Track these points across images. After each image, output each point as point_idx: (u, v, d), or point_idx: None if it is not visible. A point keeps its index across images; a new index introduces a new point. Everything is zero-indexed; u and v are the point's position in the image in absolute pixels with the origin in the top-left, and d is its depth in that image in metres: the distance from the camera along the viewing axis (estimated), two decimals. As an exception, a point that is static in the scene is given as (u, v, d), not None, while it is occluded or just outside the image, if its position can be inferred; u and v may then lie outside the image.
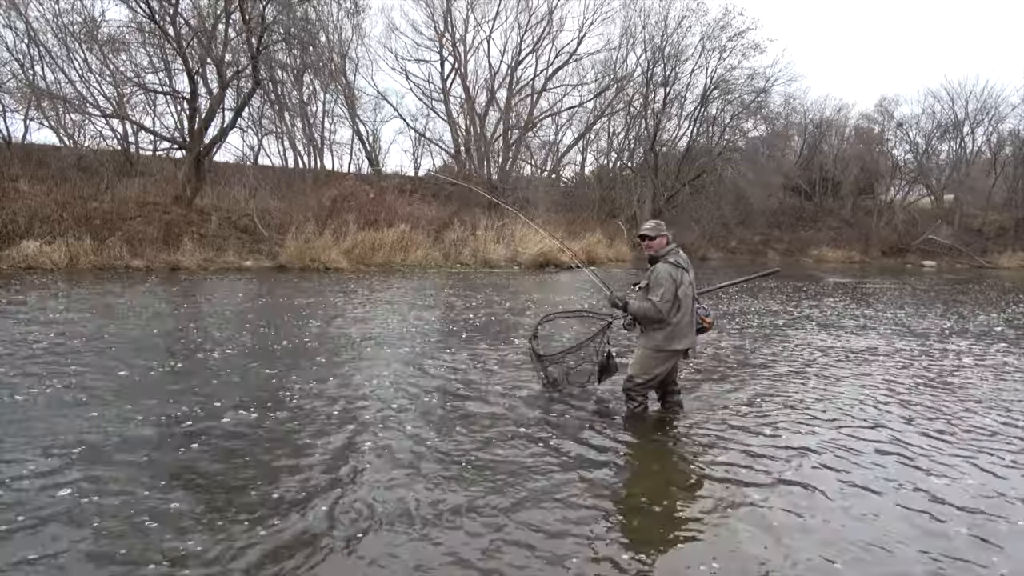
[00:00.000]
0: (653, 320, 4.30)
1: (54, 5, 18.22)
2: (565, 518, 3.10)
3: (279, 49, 19.51)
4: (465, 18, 28.47)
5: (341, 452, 3.81)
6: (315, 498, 3.19)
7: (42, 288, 10.17)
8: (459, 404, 4.87)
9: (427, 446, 3.96)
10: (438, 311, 9.85)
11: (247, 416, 4.36)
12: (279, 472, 3.49)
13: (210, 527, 2.87)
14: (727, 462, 3.87)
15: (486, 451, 3.92)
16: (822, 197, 38.66)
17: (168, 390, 4.91)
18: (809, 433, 4.44)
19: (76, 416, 4.21)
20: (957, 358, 7.26)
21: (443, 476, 3.53)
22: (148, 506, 3.04)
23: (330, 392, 5.04)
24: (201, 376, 5.37)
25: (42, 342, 6.34)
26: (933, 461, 3.97)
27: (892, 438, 4.38)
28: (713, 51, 31.12)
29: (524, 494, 3.34)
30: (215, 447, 3.81)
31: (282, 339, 7.04)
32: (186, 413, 4.36)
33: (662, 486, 3.57)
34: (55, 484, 3.22)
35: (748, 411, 4.94)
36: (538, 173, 32.53)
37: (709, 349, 7.30)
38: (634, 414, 4.58)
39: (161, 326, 7.57)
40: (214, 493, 3.21)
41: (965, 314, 11.41)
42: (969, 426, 4.70)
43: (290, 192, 19.86)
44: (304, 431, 4.14)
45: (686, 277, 4.36)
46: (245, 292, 11.15)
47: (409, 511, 3.10)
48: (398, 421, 4.41)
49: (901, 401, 5.35)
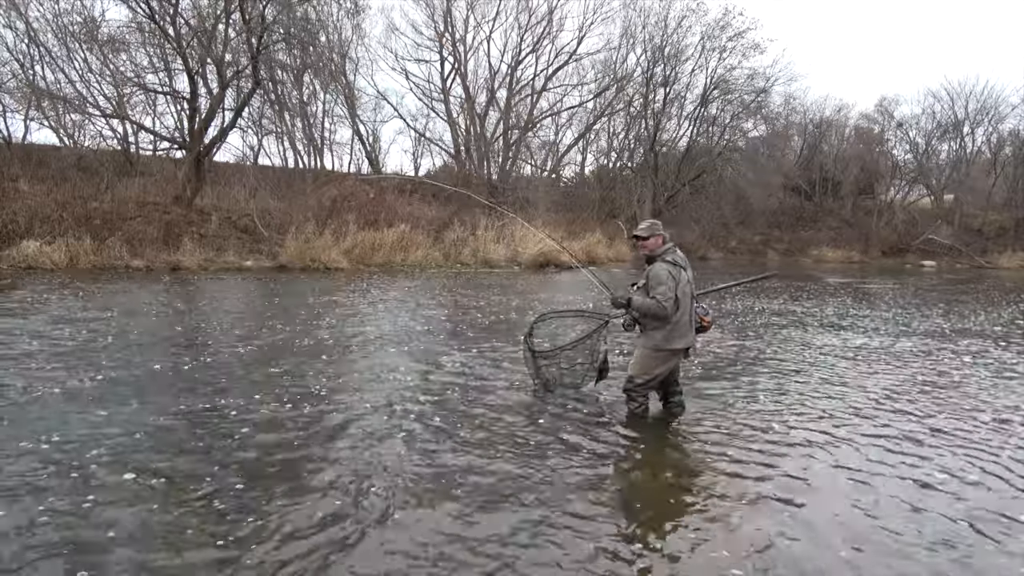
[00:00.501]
0: (658, 317, 4.27)
1: (54, 5, 18.27)
2: (566, 518, 3.10)
3: (279, 49, 19.53)
4: (465, 18, 28.52)
5: (354, 449, 3.82)
6: (336, 489, 3.24)
7: (59, 288, 10.17)
8: (462, 403, 4.86)
9: (432, 444, 3.96)
10: (440, 311, 9.85)
11: (279, 409, 4.46)
12: (307, 463, 3.50)
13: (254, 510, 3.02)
14: (732, 460, 3.87)
15: (486, 451, 3.92)
16: (822, 197, 38.67)
17: (203, 383, 5.10)
18: (812, 431, 4.44)
19: (122, 407, 4.44)
20: (957, 357, 7.26)
21: (445, 476, 3.53)
22: (208, 489, 3.21)
23: (345, 389, 5.06)
24: (227, 370, 5.50)
25: (76, 339, 6.65)
26: (933, 460, 3.97)
27: (893, 437, 4.37)
28: (713, 51, 31.19)
29: (524, 495, 3.34)
30: (238, 438, 3.82)
31: (294, 338, 7.06)
32: (220, 405, 4.42)
33: (664, 486, 3.56)
34: (121, 465, 3.49)
35: (751, 410, 4.93)
36: (538, 173, 32.56)
37: (712, 348, 7.30)
38: (635, 415, 4.57)
39: (185, 323, 7.78)
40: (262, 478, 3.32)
41: (966, 314, 11.41)
42: (970, 424, 4.70)
43: (290, 192, 19.87)
44: (321, 427, 4.15)
45: (684, 276, 4.35)
46: (250, 292, 11.15)
47: (418, 506, 3.10)
48: (404, 416, 4.41)
49: (901, 400, 5.35)
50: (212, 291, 11.25)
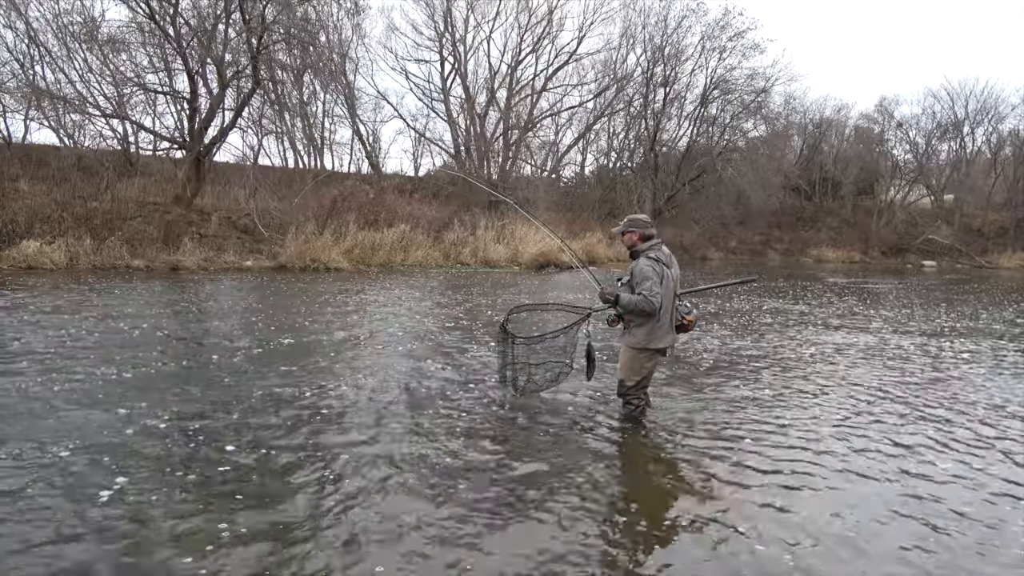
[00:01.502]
0: (646, 313, 4.22)
1: (54, 5, 18.23)
2: (567, 518, 3.10)
3: (279, 49, 19.48)
4: (465, 18, 28.48)
5: (354, 449, 3.82)
6: (327, 489, 3.21)
7: (59, 288, 10.17)
8: (464, 403, 4.86)
9: (429, 445, 3.96)
10: (439, 311, 9.85)
11: (279, 409, 4.44)
12: (301, 463, 3.51)
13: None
14: (735, 459, 3.87)
15: (487, 452, 3.93)
16: (822, 197, 38.69)
17: (203, 383, 5.07)
18: (814, 431, 4.44)
19: (119, 407, 4.42)
20: (957, 356, 7.26)
21: (445, 475, 3.53)
22: (206, 488, 3.12)
23: (345, 389, 5.06)
24: (227, 370, 5.50)
25: (95, 334, 6.87)
26: (933, 460, 3.98)
27: (895, 435, 4.38)
28: (713, 51, 31.18)
29: (525, 495, 3.34)
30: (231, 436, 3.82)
31: (293, 338, 7.05)
32: (219, 406, 4.40)
33: (666, 486, 3.57)
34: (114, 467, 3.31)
35: (754, 409, 4.93)
36: (538, 173, 32.53)
37: (713, 347, 7.30)
38: (632, 416, 4.56)
39: (184, 323, 7.84)
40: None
41: (966, 313, 11.41)
42: (971, 423, 4.71)
43: (290, 192, 19.86)
44: (321, 427, 4.15)
45: (667, 273, 4.32)
46: (250, 292, 11.15)
47: (407, 512, 3.10)
48: (402, 416, 4.41)
49: (901, 401, 5.35)
50: (212, 291, 11.25)
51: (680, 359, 6.68)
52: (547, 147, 33.37)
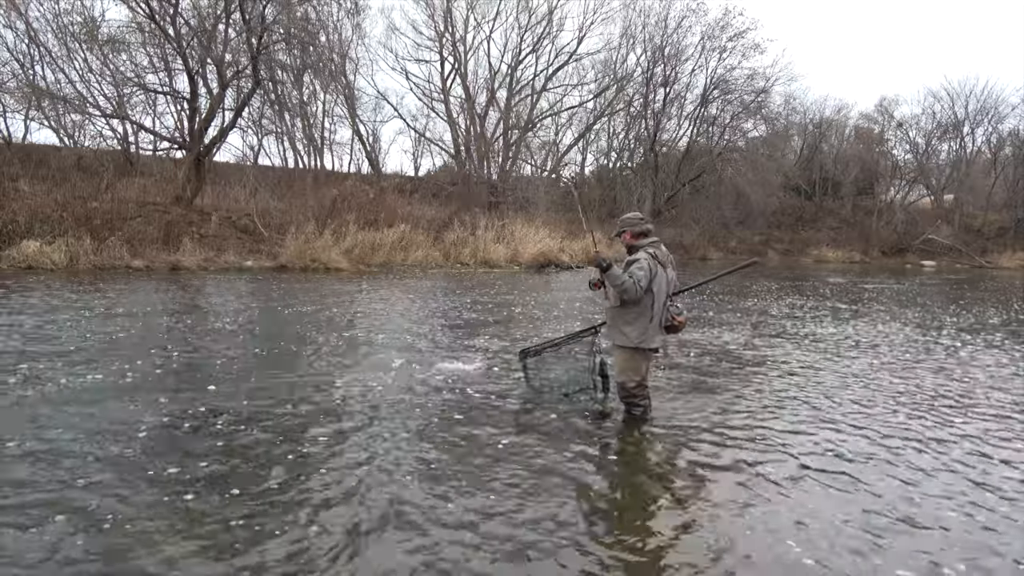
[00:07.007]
0: (626, 294, 4.19)
1: (54, 5, 18.25)
2: (568, 518, 3.10)
3: (279, 49, 19.50)
4: (465, 18, 28.50)
5: (353, 449, 3.82)
6: (334, 485, 3.21)
7: (59, 288, 10.17)
8: (465, 403, 4.86)
9: (431, 446, 3.96)
10: (439, 310, 9.85)
11: (277, 410, 4.44)
12: (303, 463, 3.50)
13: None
14: (736, 458, 3.87)
15: (487, 452, 3.92)
16: (822, 197, 38.70)
17: (202, 382, 5.07)
18: (816, 429, 4.44)
19: (162, 393, 4.54)
20: (956, 355, 7.26)
21: (445, 476, 3.52)
22: (207, 485, 3.10)
23: (344, 387, 5.05)
24: (226, 370, 5.48)
25: (95, 334, 6.91)
26: (932, 461, 3.98)
27: (895, 434, 4.38)
28: (713, 51, 31.23)
29: (525, 496, 3.34)
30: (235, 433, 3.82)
31: (293, 338, 7.05)
32: (219, 404, 4.41)
33: (666, 486, 3.56)
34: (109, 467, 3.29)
35: (755, 409, 4.93)
36: (538, 173, 32.54)
37: (715, 346, 7.30)
38: (634, 417, 4.56)
39: (183, 323, 7.81)
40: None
41: (967, 313, 11.41)
42: (972, 420, 4.71)
43: (290, 192, 19.87)
44: (322, 426, 4.15)
45: (662, 273, 4.32)
46: (250, 292, 11.15)
47: (411, 510, 3.10)
48: (403, 416, 4.41)
49: (901, 400, 5.35)
50: (212, 291, 11.25)
51: (680, 358, 6.68)
52: (547, 147, 33.42)
